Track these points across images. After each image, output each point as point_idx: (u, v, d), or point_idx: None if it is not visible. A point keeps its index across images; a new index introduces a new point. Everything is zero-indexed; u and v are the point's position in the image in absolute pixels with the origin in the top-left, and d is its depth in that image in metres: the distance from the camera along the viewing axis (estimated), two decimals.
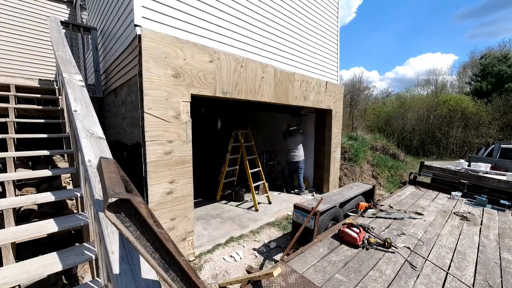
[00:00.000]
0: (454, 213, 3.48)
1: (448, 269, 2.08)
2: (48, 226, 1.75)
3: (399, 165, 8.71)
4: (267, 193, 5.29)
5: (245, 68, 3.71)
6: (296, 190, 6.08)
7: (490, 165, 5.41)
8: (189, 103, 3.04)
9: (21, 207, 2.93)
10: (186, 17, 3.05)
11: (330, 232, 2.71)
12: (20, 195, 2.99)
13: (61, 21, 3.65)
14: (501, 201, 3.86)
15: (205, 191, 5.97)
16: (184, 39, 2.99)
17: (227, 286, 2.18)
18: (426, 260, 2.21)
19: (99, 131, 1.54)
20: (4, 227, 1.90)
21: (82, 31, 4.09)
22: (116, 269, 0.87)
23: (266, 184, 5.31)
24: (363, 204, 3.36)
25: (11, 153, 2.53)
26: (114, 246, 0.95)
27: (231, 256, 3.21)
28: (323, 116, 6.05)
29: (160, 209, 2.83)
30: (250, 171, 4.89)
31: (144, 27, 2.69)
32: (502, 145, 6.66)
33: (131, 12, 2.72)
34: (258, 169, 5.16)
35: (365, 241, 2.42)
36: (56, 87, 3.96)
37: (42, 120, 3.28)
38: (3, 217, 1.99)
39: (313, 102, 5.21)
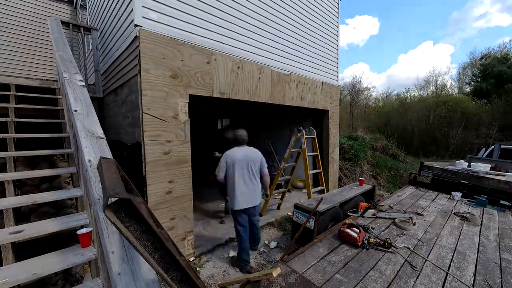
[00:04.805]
0: (454, 213, 3.47)
1: (448, 269, 2.08)
2: (48, 226, 1.75)
3: (399, 166, 8.71)
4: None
5: (242, 69, 3.72)
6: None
7: (490, 165, 5.40)
8: (187, 103, 3.05)
9: (21, 207, 2.93)
10: (185, 16, 3.06)
11: (330, 232, 2.70)
12: (21, 194, 2.99)
13: (61, 21, 3.65)
14: (501, 202, 3.85)
15: (206, 192, 5.97)
16: (181, 40, 3.00)
17: (227, 286, 2.18)
18: (426, 260, 2.21)
19: (99, 131, 1.54)
20: (4, 227, 1.90)
21: (83, 31, 4.09)
22: (116, 269, 0.87)
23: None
24: (363, 204, 3.35)
25: (11, 153, 2.53)
26: (114, 246, 0.95)
27: (231, 257, 3.21)
28: (320, 117, 6.06)
29: (159, 209, 2.83)
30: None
31: (143, 27, 2.69)
32: (502, 146, 6.64)
33: (132, 12, 2.72)
34: (289, 177, 4.87)
35: (365, 241, 2.42)
36: (57, 87, 3.96)
37: (43, 120, 3.27)
38: (3, 217, 1.99)
39: (310, 102, 5.22)
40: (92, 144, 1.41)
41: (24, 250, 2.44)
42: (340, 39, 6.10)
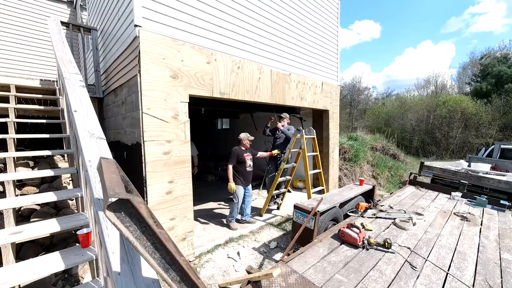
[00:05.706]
0: (454, 213, 3.47)
1: (448, 270, 2.08)
2: (48, 226, 1.75)
3: (399, 166, 8.71)
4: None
5: (242, 69, 3.72)
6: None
7: (490, 165, 5.40)
8: (187, 103, 3.05)
9: (21, 207, 2.93)
10: (185, 17, 3.06)
11: (330, 232, 2.70)
12: (21, 194, 2.99)
13: (61, 21, 3.65)
14: (501, 202, 3.86)
15: (205, 192, 5.97)
16: (181, 40, 3.00)
17: (227, 286, 2.18)
18: (426, 260, 2.21)
19: (99, 131, 1.54)
20: (4, 227, 1.90)
21: (82, 31, 4.09)
22: (116, 269, 0.87)
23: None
24: (363, 204, 3.36)
25: (11, 153, 2.53)
26: (114, 246, 0.95)
27: (231, 257, 3.21)
28: (320, 117, 6.06)
29: (159, 209, 2.83)
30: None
31: (143, 28, 2.69)
32: (502, 146, 6.65)
33: (131, 12, 2.72)
34: (289, 177, 4.88)
35: (365, 241, 2.42)
36: (57, 87, 3.97)
37: (43, 121, 3.28)
38: (3, 217, 1.99)
39: (310, 102, 5.22)
40: (92, 145, 1.41)
41: (25, 250, 2.44)
42: (340, 39, 6.09)
